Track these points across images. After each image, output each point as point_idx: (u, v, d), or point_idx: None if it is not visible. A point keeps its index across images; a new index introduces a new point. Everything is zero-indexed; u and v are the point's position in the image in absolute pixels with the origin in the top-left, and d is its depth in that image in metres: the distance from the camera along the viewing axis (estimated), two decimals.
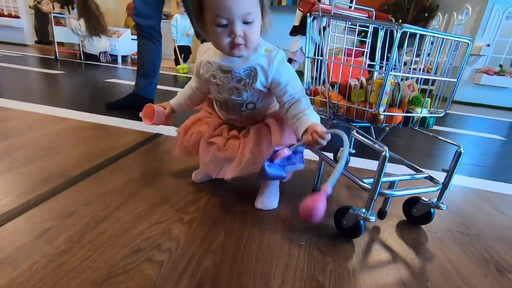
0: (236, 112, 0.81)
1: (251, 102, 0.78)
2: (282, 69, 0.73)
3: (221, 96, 0.79)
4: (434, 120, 0.76)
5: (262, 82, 0.73)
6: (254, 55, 0.72)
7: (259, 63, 0.72)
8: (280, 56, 0.73)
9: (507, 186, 1.26)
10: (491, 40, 4.04)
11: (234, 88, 0.75)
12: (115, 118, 1.57)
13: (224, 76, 0.75)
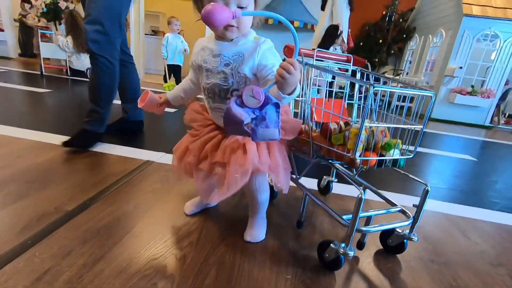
0: (221, 100, 0.82)
1: (237, 89, 0.79)
2: (269, 54, 0.76)
3: (208, 82, 0.81)
4: (404, 160, 0.85)
5: (249, 66, 0.76)
6: (243, 41, 0.78)
7: (247, 48, 0.77)
8: (268, 43, 0.78)
9: (476, 210, 1.37)
10: (463, 63, 4.33)
11: (222, 72, 0.79)
12: (106, 144, 1.60)
13: (214, 60, 0.79)
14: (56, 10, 4.24)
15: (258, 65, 0.76)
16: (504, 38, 4.18)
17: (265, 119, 0.67)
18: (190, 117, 0.96)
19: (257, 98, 0.63)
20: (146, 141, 1.77)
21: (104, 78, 1.49)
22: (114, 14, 1.42)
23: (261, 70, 0.76)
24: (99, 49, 1.42)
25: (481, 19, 4.10)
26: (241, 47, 0.77)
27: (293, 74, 0.62)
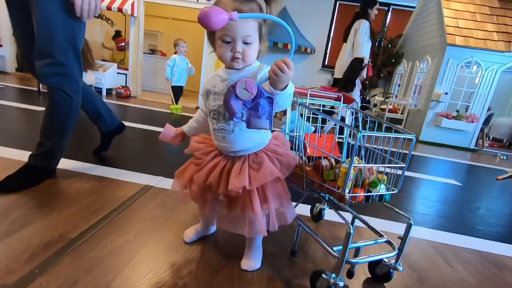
0: (225, 120, 0.85)
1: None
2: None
3: (215, 104, 0.86)
4: (390, 196, 0.93)
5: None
6: (248, 68, 0.86)
7: (250, 72, 0.85)
8: (268, 67, 0.84)
9: (459, 237, 1.44)
10: (448, 89, 4.55)
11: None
12: (106, 167, 1.65)
13: (222, 84, 0.85)
14: None
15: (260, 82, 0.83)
16: (485, 66, 4.43)
17: (258, 110, 0.75)
18: (192, 147, 0.99)
19: (250, 91, 0.71)
20: (145, 164, 1.82)
21: (59, 111, 1.34)
22: (66, 43, 1.25)
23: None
24: (54, 83, 1.28)
25: (464, 48, 4.35)
26: (245, 73, 0.85)
27: (286, 72, 0.69)
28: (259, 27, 0.82)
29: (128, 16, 4.74)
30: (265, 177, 0.84)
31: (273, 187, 0.88)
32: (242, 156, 0.90)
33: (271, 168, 0.85)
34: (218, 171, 0.90)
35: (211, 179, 0.90)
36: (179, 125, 1.07)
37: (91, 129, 2.54)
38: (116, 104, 4.09)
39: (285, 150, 0.93)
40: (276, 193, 0.88)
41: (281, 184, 0.91)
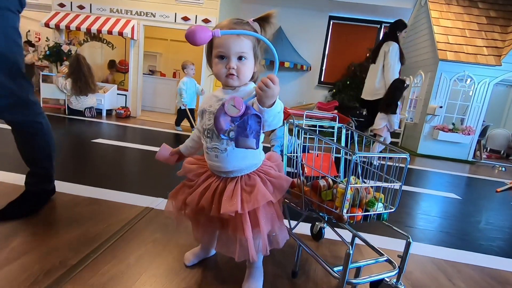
0: (219, 140, 0.87)
1: (233, 130, 0.85)
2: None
3: (209, 123, 0.88)
4: (388, 214, 0.94)
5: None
6: (243, 88, 0.88)
7: (245, 92, 0.87)
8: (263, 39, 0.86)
9: (461, 253, 1.44)
10: (442, 102, 4.64)
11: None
12: (106, 190, 1.66)
13: (217, 103, 0.87)
14: (58, 53, 4.44)
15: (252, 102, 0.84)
16: (477, 80, 4.54)
17: (246, 129, 0.77)
18: (184, 169, 0.99)
19: (237, 107, 0.73)
20: (144, 186, 1.83)
21: (36, 140, 1.30)
22: (10, 68, 1.13)
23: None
24: (14, 117, 1.20)
25: (455, 63, 4.47)
26: (240, 93, 0.87)
27: (272, 88, 0.71)
28: (254, 47, 0.86)
29: (128, 39, 4.88)
30: (258, 201, 0.84)
31: (265, 210, 0.87)
32: (235, 177, 0.90)
33: (264, 192, 0.85)
34: (210, 193, 0.90)
35: (203, 201, 0.90)
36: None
37: (91, 153, 2.56)
38: (116, 124, 4.13)
39: (277, 172, 0.93)
40: (268, 216, 0.88)
41: (273, 207, 0.91)
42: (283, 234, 0.93)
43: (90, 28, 4.56)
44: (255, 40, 0.86)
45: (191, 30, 0.65)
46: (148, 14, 4.70)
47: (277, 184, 0.91)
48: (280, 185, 0.91)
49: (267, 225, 0.87)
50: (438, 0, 5.10)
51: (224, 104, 0.74)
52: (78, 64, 4.07)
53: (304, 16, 6.89)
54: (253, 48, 0.86)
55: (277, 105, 0.78)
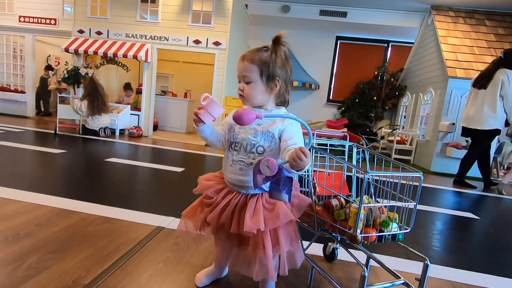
0: (246, 153, 0.92)
1: (261, 146, 0.91)
2: (294, 126, 0.91)
3: (239, 137, 0.94)
4: (403, 235, 0.92)
5: (278, 128, 0.90)
6: (276, 110, 0.95)
7: (278, 115, 0.92)
8: (294, 119, 0.89)
9: (482, 277, 1.37)
10: (454, 119, 4.57)
11: (254, 129, 0.92)
12: (119, 208, 1.68)
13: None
14: (76, 75, 4.65)
15: (284, 131, 0.91)
16: None
17: (279, 185, 0.84)
18: (202, 186, 0.99)
19: (271, 169, 0.78)
20: (156, 204, 1.84)
21: None
22: None
23: (284, 138, 0.90)
24: None
25: (466, 80, 4.45)
26: (271, 112, 0.94)
27: (304, 161, 0.74)
28: (261, 72, 0.89)
29: (142, 62, 5.08)
30: (280, 220, 0.84)
31: (285, 229, 0.88)
32: (255, 194, 0.92)
33: (285, 211, 0.86)
34: (231, 210, 0.91)
35: (223, 218, 0.91)
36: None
37: (104, 172, 2.61)
38: (129, 144, 4.22)
39: (296, 192, 0.94)
40: (287, 235, 0.88)
41: (292, 226, 0.92)
42: (300, 253, 0.92)
43: (107, 52, 4.79)
44: (262, 65, 0.89)
45: (238, 114, 0.75)
46: (162, 38, 4.92)
47: (295, 203, 0.92)
48: (299, 204, 0.92)
49: (287, 244, 0.88)
50: (444, 19, 5.17)
51: (260, 164, 0.80)
52: (94, 85, 4.26)
53: (311, 37, 7.07)
54: (260, 73, 0.90)
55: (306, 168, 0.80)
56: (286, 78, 0.94)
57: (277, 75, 0.91)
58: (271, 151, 0.91)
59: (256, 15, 6.32)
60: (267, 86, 0.91)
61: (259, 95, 0.92)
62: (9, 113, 5.83)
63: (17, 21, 5.72)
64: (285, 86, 0.95)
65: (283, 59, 0.92)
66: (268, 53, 0.90)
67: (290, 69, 0.95)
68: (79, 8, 5.05)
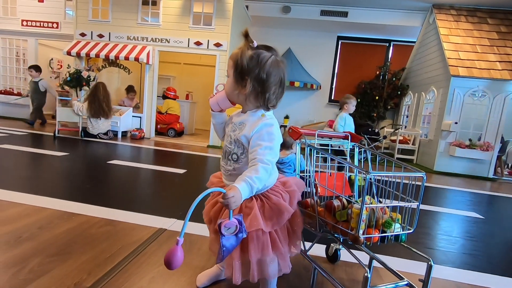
0: (226, 160, 0.93)
1: (235, 153, 0.90)
2: (264, 132, 0.84)
3: (224, 143, 0.96)
4: (406, 235, 0.91)
5: (245, 135, 0.87)
6: (251, 113, 0.90)
7: (251, 120, 0.88)
8: (269, 121, 0.86)
9: (487, 277, 1.36)
10: (457, 118, 4.54)
11: (230, 136, 0.93)
12: (120, 210, 1.68)
13: (230, 127, 0.94)
14: (78, 78, 4.67)
15: (252, 137, 0.86)
16: (492, 95, 4.45)
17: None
18: (210, 181, 1.05)
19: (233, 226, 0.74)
20: (157, 206, 1.84)
21: None
22: None
23: (250, 147, 0.86)
24: None
25: (468, 79, 4.42)
26: (247, 118, 0.90)
27: (225, 202, 0.73)
28: (234, 66, 0.87)
29: (143, 64, 5.10)
30: (249, 226, 0.83)
31: (257, 237, 0.85)
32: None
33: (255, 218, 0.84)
34: (219, 206, 0.93)
35: (212, 213, 0.94)
36: None
37: (106, 174, 2.62)
38: (131, 146, 4.23)
39: (278, 199, 0.88)
40: (259, 244, 0.85)
41: (268, 236, 0.86)
42: (273, 266, 0.88)
43: (109, 55, 4.80)
44: (235, 62, 0.87)
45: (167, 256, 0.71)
46: (163, 40, 4.93)
47: (275, 211, 0.87)
48: (279, 213, 0.87)
49: (256, 253, 0.85)
50: (446, 18, 5.14)
51: (221, 233, 0.74)
52: (95, 89, 4.31)
53: (312, 37, 7.05)
54: (235, 67, 0.86)
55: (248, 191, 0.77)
56: (261, 79, 0.85)
57: (246, 73, 0.85)
58: (244, 159, 0.89)
59: (257, 16, 6.32)
60: (237, 84, 0.88)
61: (232, 93, 0.90)
62: (12, 117, 5.87)
63: (19, 25, 5.76)
64: (260, 88, 0.86)
65: (255, 58, 0.85)
66: (240, 51, 0.88)
67: (268, 71, 0.85)
68: (80, 11, 5.07)
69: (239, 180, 0.78)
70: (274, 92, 0.88)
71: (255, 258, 0.84)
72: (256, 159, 0.82)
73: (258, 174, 0.79)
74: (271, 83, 0.86)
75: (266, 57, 0.86)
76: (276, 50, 0.89)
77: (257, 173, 0.79)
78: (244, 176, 0.79)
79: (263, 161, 0.81)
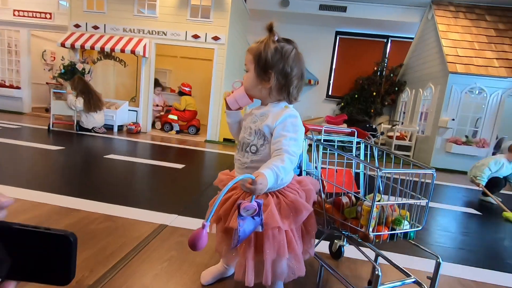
0: (243, 152, 0.91)
1: (254, 144, 0.88)
2: (289, 123, 0.83)
3: (241, 136, 0.93)
4: (414, 233, 0.90)
5: (268, 125, 0.84)
6: (274, 105, 0.89)
7: (274, 111, 0.87)
8: (293, 113, 0.85)
9: (488, 273, 1.37)
10: (454, 115, 4.57)
11: (249, 128, 0.90)
12: (120, 206, 1.65)
13: (249, 118, 0.91)
14: (73, 71, 4.58)
15: (275, 129, 0.84)
16: (489, 92, 4.48)
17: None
18: (218, 179, 1.02)
19: (252, 209, 0.72)
20: (158, 202, 1.81)
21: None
22: None
23: (273, 138, 0.84)
24: None
25: (466, 76, 4.44)
26: (269, 109, 0.88)
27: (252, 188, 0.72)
28: (255, 60, 0.85)
29: (140, 57, 5.02)
30: (265, 224, 0.80)
31: (273, 236, 0.82)
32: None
33: (273, 216, 0.81)
34: (230, 204, 0.90)
35: (221, 212, 0.91)
36: None
37: (104, 169, 2.57)
38: (127, 140, 4.18)
39: (296, 197, 0.86)
40: (275, 243, 0.82)
41: (285, 235, 0.83)
42: (287, 268, 0.87)
43: (104, 47, 4.71)
44: (256, 56, 0.85)
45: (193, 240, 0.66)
46: (160, 33, 4.84)
47: (292, 209, 0.85)
48: (296, 212, 0.84)
49: (271, 253, 0.82)
50: (445, 14, 5.14)
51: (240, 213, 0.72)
52: (84, 82, 4.23)
53: (310, 32, 7.00)
54: (255, 63, 0.85)
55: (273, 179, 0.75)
56: (285, 72, 0.85)
57: (270, 67, 0.84)
58: (264, 151, 0.87)
59: (255, 9, 6.24)
60: (260, 78, 0.86)
61: (254, 87, 0.88)
62: (5, 109, 5.75)
63: (11, 15, 5.61)
64: (284, 81, 0.85)
65: (279, 51, 0.84)
66: (263, 44, 0.86)
67: (291, 64, 0.85)
68: (75, 2, 4.95)
69: (265, 167, 0.76)
70: (296, 86, 0.87)
71: (270, 258, 0.81)
72: (282, 149, 0.80)
73: (284, 164, 0.77)
74: (294, 76, 0.86)
75: (289, 50, 0.86)
76: (295, 43, 0.88)
77: (283, 163, 0.77)
78: (270, 164, 0.77)
79: (288, 152, 0.79)
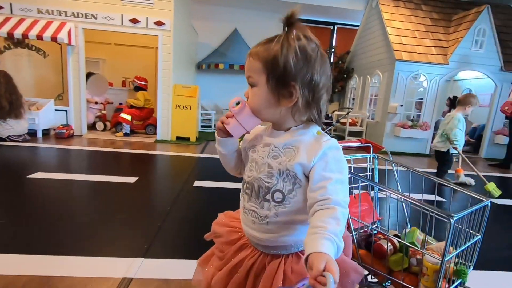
0: (258, 200, 0.64)
1: (280, 190, 0.61)
2: (331, 159, 0.58)
3: (250, 175, 0.66)
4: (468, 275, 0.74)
5: (302, 163, 0.58)
6: (302, 131, 0.61)
7: (304, 141, 0.60)
8: (332, 143, 0.60)
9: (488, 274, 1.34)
10: (401, 101, 4.83)
11: (268, 165, 0.62)
12: (59, 257, 1.22)
13: (263, 150, 0.65)
14: None
15: (313, 168, 0.58)
16: (429, 78, 4.83)
17: None
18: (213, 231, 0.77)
19: None
20: (112, 241, 1.41)
21: None
22: None
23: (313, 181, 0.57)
24: None
25: (410, 63, 4.69)
26: (296, 139, 0.61)
27: (329, 282, 0.42)
28: (266, 69, 0.58)
29: (64, 45, 4.16)
30: None
31: None
32: (278, 256, 0.64)
33: None
34: (243, 273, 0.65)
35: (232, 284, 0.65)
36: None
37: (29, 197, 1.98)
38: (57, 148, 3.44)
39: (342, 256, 0.61)
40: None
41: None
42: None
43: (13, 32, 3.76)
44: (269, 63, 0.57)
45: None
46: (88, 15, 4.05)
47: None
48: (344, 274, 0.61)
49: None
50: (388, 3, 5.32)
51: None
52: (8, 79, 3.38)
53: (258, 17, 6.72)
54: (266, 74, 0.58)
55: (335, 254, 0.48)
56: (313, 83, 0.58)
57: (292, 77, 0.57)
58: (294, 198, 0.61)
59: None
60: (277, 94, 0.58)
61: (267, 107, 0.60)
62: None
63: None
64: (311, 95, 0.59)
65: (303, 54, 0.57)
66: (279, 45, 0.58)
67: (320, 71, 0.58)
68: None
69: (320, 237, 0.48)
70: (327, 100, 0.62)
71: None
72: (330, 200, 0.53)
73: (340, 226, 0.51)
74: (323, 87, 0.59)
75: (315, 51, 0.58)
76: (316, 39, 0.60)
77: (339, 225, 0.51)
78: (324, 231, 0.49)
79: (339, 203, 0.53)
